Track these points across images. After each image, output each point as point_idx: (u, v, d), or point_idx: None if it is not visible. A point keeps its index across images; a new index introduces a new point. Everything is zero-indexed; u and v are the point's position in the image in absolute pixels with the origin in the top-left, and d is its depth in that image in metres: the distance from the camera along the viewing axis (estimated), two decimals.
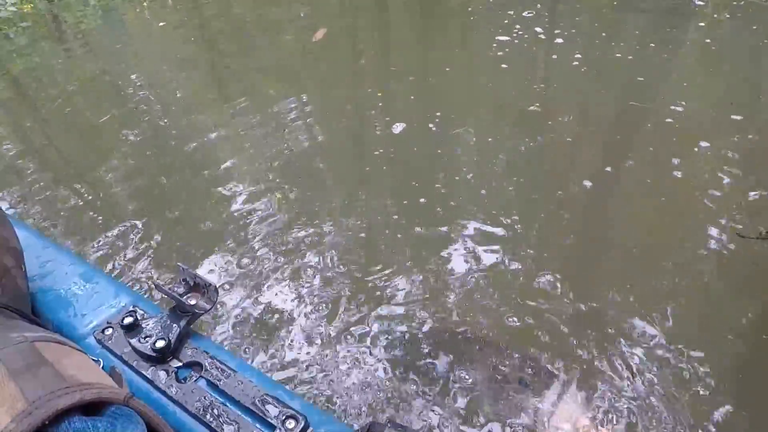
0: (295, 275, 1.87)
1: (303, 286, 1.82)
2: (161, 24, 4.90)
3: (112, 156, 2.76)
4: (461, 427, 1.35)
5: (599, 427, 1.08)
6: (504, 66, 3.27)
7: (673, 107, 2.68)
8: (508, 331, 1.61)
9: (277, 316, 1.72)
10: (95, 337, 0.75)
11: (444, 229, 2.02)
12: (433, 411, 1.40)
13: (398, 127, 2.70)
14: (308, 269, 1.89)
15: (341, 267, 1.89)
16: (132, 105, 3.28)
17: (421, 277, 1.82)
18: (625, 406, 1.37)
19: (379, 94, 3.15)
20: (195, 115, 3.11)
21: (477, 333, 1.60)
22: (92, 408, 0.40)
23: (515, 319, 1.64)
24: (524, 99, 2.87)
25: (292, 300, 1.77)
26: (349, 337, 1.63)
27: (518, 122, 2.72)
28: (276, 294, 1.80)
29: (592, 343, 1.55)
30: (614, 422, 1.34)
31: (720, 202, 2.06)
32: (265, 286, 1.84)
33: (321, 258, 1.94)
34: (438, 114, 2.78)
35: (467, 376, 1.47)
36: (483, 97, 3.03)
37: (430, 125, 2.69)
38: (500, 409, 1.33)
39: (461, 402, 1.41)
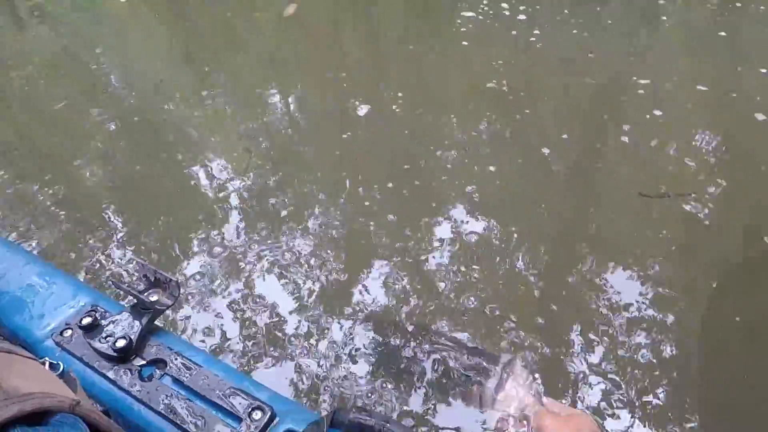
0: (272, 264, 1.86)
1: (279, 275, 1.82)
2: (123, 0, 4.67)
3: (81, 143, 2.65)
4: (426, 414, 1.40)
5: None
6: (465, 43, 3.28)
7: (627, 80, 2.76)
8: (482, 317, 1.65)
9: (252, 305, 1.72)
10: (54, 340, 0.74)
11: (415, 213, 2.04)
12: (402, 398, 1.44)
13: (363, 109, 2.69)
14: (284, 257, 1.89)
15: (316, 256, 1.89)
16: (100, 87, 3.14)
17: (394, 264, 1.84)
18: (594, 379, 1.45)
19: (344, 74, 3.11)
20: (166, 96, 3.01)
21: (447, 321, 1.64)
22: (39, 417, 0.40)
23: (484, 301, 1.69)
24: (484, 76, 2.90)
25: (267, 289, 1.77)
26: (320, 326, 1.64)
27: (478, 99, 2.75)
28: (252, 283, 1.79)
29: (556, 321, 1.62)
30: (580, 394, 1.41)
31: (656, 166, 2.21)
32: (242, 274, 1.83)
33: (296, 247, 1.93)
34: (400, 95, 2.77)
35: (435, 365, 1.51)
36: (444, 76, 3.04)
37: (394, 107, 2.69)
38: (462, 399, 1.38)
39: (428, 390, 1.45)
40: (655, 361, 1.49)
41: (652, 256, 1.80)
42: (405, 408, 1.40)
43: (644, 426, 1.36)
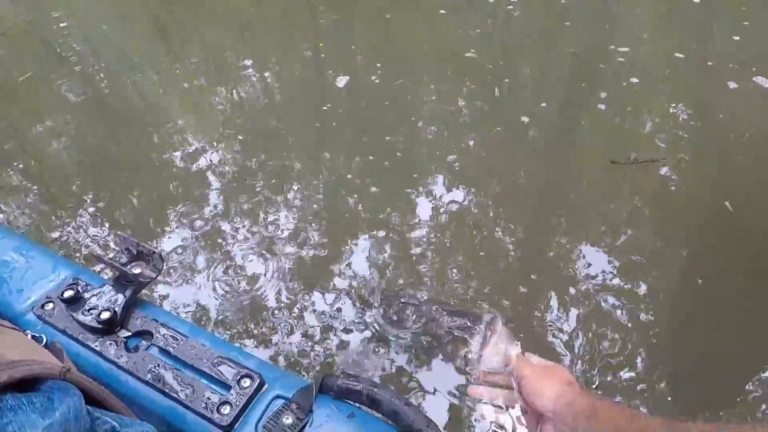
0: (253, 238, 1.85)
1: (260, 249, 1.81)
2: None
3: (50, 117, 2.55)
4: (410, 375, 1.43)
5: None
6: (443, 12, 3.23)
7: (605, 48, 2.77)
8: (460, 287, 1.68)
9: (235, 279, 1.71)
10: (35, 313, 0.73)
11: (397, 184, 2.04)
12: (388, 361, 1.46)
13: (342, 81, 2.65)
14: (267, 229, 1.87)
15: (298, 229, 1.88)
16: (69, 61, 3.01)
17: (377, 236, 1.84)
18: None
19: (321, 45, 3.05)
20: (136, 67, 2.91)
21: (430, 288, 1.67)
22: (29, 385, 0.40)
23: (469, 274, 1.71)
24: (462, 45, 2.87)
25: (249, 262, 1.76)
26: (305, 297, 1.65)
27: (458, 69, 2.73)
28: (233, 257, 1.78)
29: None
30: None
31: (629, 133, 2.26)
32: (222, 248, 1.81)
33: (277, 220, 1.92)
34: (379, 65, 2.73)
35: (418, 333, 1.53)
36: (423, 45, 3.00)
37: (373, 77, 2.65)
38: (447, 357, 1.42)
39: (414, 351, 1.48)
40: (625, 323, 1.54)
41: (624, 223, 1.85)
42: (392, 369, 1.43)
43: (617, 385, 1.41)
